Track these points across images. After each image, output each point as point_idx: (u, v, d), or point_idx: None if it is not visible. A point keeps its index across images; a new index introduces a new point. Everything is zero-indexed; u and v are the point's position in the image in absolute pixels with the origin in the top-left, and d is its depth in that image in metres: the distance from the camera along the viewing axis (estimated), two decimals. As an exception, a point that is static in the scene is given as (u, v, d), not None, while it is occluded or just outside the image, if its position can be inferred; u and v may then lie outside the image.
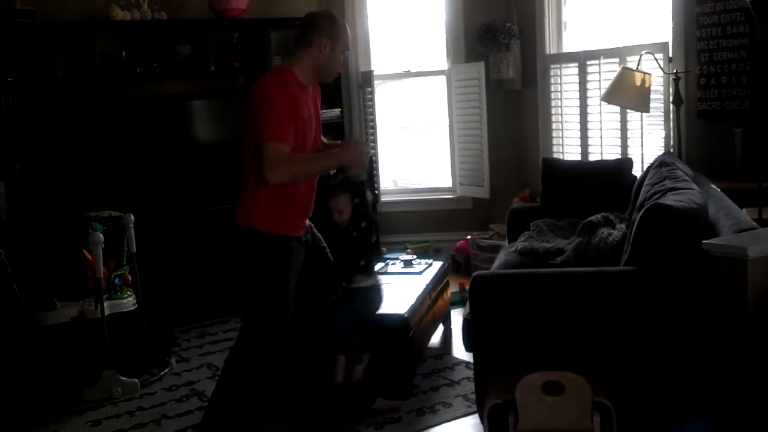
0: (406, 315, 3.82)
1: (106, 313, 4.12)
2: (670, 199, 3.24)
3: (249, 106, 3.14)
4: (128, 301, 4.35)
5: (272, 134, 3.02)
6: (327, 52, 3.20)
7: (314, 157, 3.25)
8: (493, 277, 3.33)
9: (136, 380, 4.17)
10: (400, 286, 4.30)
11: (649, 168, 4.13)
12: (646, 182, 3.84)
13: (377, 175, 6.45)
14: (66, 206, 5.00)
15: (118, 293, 4.32)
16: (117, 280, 4.33)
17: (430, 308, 4.34)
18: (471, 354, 3.49)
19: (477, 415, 3.41)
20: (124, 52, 5.41)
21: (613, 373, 3.10)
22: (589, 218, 4.19)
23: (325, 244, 3.56)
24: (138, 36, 5.59)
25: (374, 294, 3.60)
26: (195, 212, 5.37)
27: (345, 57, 3.35)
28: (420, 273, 4.57)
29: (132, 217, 4.53)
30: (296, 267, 3.27)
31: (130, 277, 4.44)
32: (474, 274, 3.26)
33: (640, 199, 3.71)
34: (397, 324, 3.79)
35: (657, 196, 3.42)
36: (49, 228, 4.90)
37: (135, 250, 4.54)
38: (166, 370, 4.39)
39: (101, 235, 4.08)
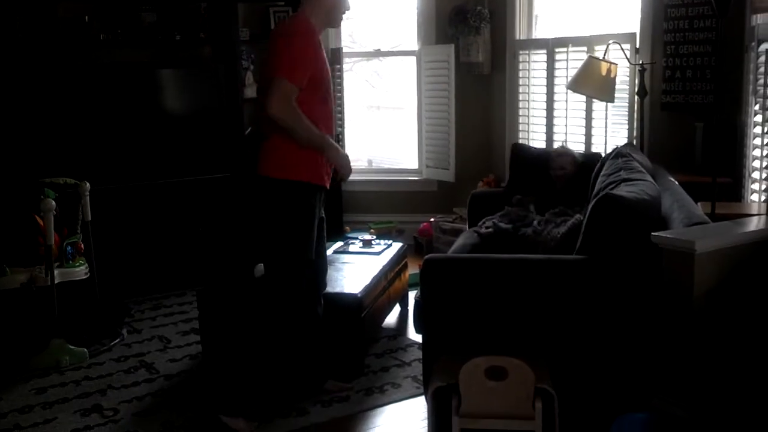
0: (359, 295, 3.82)
1: (56, 281, 4.07)
2: (622, 190, 3.25)
3: (273, 44, 3.23)
4: (80, 270, 4.30)
5: (291, 74, 3.13)
6: None
7: (314, 128, 3.26)
8: (444, 261, 3.32)
9: (85, 350, 4.13)
10: (357, 265, 4.29)
11: (605, 158, 4.14)
12: (602, 173, 3.85)
13: (343, 154, 6.40)
14: (22, 171, 4.91)
15: (70, 261, 4.26)
16: (69, 248, 4.27)
17: (386, 289, 4.33)
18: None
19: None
20: (87, 17, 5.30)
21: (559, 361, 3.11)
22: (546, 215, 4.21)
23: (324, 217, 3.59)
24: (102, 1, 5.46)
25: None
26: (154, 183, 5.31)
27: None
28: (378, 254, 4.56)
29: (88, 185, 4.47)
30: (317, 218, 3.41)
31: (83, 246, 4.38)
32: (426, 257, 3.26)
33: (596, 189, 3.72)
34: (350, 303, 3.79)
35: (611, 186, 3.43)
36: (3, 192, 4.81)
37: (90, 219, 4.48)
38: (116, 341, 4.36)
39: (53, 202, 4.02)
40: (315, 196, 3.36)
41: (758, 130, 4.26)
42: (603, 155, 4.94)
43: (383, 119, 6.87)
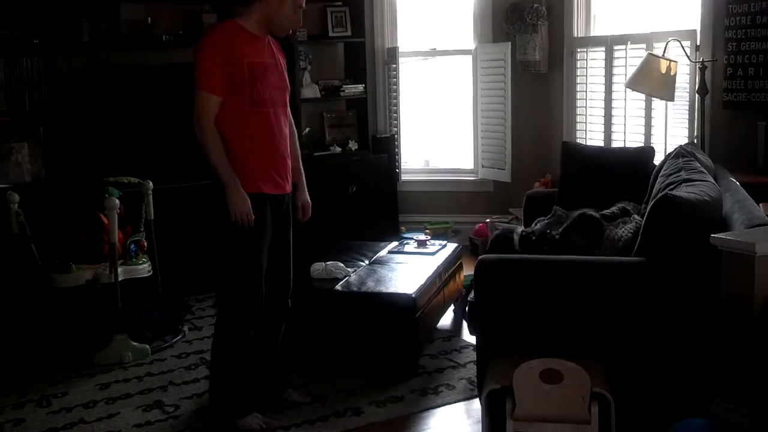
0: (413, 295, 3.83)
1: (120, 278, 4.18)
2: (682, 191, 3.20)
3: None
4: (143, 267, 4.40)
5: (201, 83, 3.12)
6: (274, 5, 3.17)
7: (223, 158, 3.15)
8: (498, 262, 3.30)
9: (147, 346, 4.23)
10: (412, 266, 4.31)
11: (666, 158, 4.07)
12: (662, 173, 3.79)
13: (398, 154, 6.43)
14: (87, 170, 5.05)
15: (133, 259, 4.37)
16: (132, 245, 4.37)
17: (441, 289, 4.34)
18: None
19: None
20: (149, 19, 5.43)
21: (616, 364, 3.08)
22: (604, 212, 4.13)
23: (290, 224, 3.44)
24: (164, 3, 5.59)
25: None
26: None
27: (299, 15, 3.26)
28: (433, 254, 4.57)
29: (150, 184, 4.58)
30: (262, 230, 3.23)
31: (146, 244, 4.48)
32: (479, 257, 3.26)
33: (655, 189, 3.67)
34: (404, 304, 3.81)
35: (671, 187, 3.38)
36: (69, 191, 4.96)
37: (153, 217, 4.59)
38: (178, 338, 4.46)
39: (117, 200, 4.13)
40: (253, 206, 3.17)
41: (824, 129, 4.15)
42: (660, 152, 4.90)
43: (439, 119, 6.86)
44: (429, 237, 5.00)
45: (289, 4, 3.19)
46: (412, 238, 4.91)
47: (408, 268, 4.27)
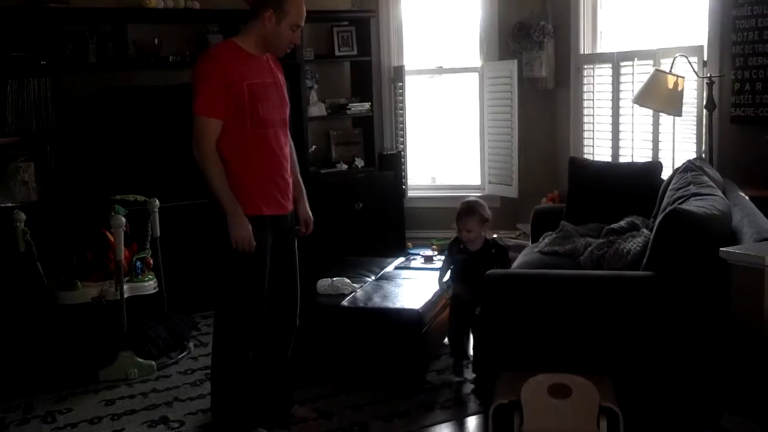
0: (420, 310, 3.81)
1: (125, 296, 4.17)
2: (691, 205, 3.19)
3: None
4: (149, 285, 4.39)
5: (201, 108, 3.03)
6: (271, 25, 3.09)
7: (224, 184, 3.09)
8: (505, 277, 3.30)
9: (153, 362, 4.21)
10: (418, 281, 4.29)
11: (675, 172, 4.06)
12: (670, 187, 3.78)
13: (405, 171, 6.43)
14: (94, 189, 5.06)
15: (139, 276, 4.36)
16: (139, 263, 4.37)
17: (447, 305, 4.31)
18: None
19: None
20: (156, 40, 5.45)
21: (625, 378, 3.06)
22: (613, 225, 4.12)
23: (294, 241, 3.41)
24: (171, 24, 5.62)
25: None
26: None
27: (297, 33, 3.19)
28: (440, 269, 4.54)
29: (157, 201, 4.59)
30: (263, 250, 3.19)
31: (152, 261, 4.48)
32: (487, 272, 3.24)
33: (664, 204, 3.66)
34: (410, 319, 3.79)
35: (680, 201, 3.37)
36: (76, 209, 4.97)
37: (159, 235, 4.59)
38: (183, 354, 4.44)
39: (123, 218, 4.13)
40: (255, 228, 3.12)
41: (833, 142, 4.13)
42: (668, 167, 4.88)
43: (446, 136, 6.87)
44: (435, 253, 4.99)
45: (286, 24, 3.12)
46: (418, 254, 4.90)
47: (414, 283, 4.25)
